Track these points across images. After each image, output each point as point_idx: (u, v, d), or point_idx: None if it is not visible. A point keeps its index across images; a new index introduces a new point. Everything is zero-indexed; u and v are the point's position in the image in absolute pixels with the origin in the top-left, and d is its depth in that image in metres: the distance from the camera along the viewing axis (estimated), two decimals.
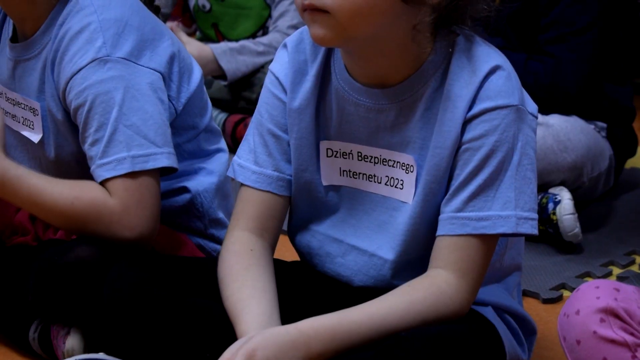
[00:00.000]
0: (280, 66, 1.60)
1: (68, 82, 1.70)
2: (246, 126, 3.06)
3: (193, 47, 3.03)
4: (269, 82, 1.61)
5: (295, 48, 1.59)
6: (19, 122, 1.83)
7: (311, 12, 1.44)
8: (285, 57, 1.60)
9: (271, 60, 3.04)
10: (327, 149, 1.57)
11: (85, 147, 1.70)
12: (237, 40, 3.21)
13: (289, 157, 1.59)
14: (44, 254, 1.67)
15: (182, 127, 1.82)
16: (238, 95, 3.12)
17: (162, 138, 1.70)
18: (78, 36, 1.70)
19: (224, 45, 3.11)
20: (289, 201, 1.61)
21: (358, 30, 1.43)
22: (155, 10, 1.90)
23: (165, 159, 1.70)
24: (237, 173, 1.61)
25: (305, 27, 1.55)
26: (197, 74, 1.84)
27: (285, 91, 1.58)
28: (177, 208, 1.84)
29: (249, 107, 3.10)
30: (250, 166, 1.60)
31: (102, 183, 1.68)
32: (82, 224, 1.67)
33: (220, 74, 3.06)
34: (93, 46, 1.69)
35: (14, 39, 1.82)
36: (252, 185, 1.59)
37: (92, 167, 1.69)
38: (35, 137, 1.80)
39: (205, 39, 3.35)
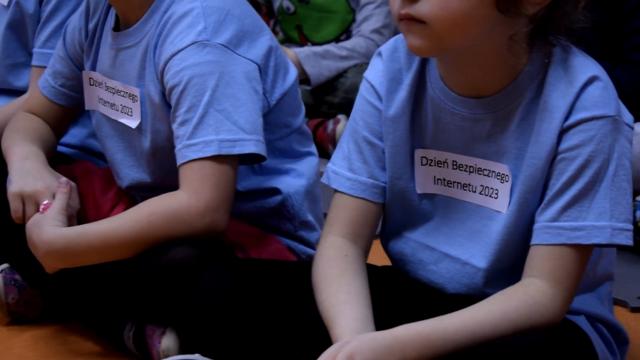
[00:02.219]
0: (375, 74, 1.62)
1: (167, 62, 1.74)
2: (325, 129, 3.09)
3: None
4: (364, 89, 1.63)
5: (390, 56, 1.61)
6: (118, 110, 1.87)
7: (407, 22, 1.45)
8: (380, 66, 1.61)
9: (354, 65, 3.12)
10: (421, 157, 1.59)
11: (175, 126, 1.73)
12: (320, 42, 3.24)
13: (384, 165, 1.61)
14: (140, 256, 1.70)
15: (275, 124, 1.84)
16: (320, 99, 3.15)
17: (251, 126, 1.72)
18: (181, 20, 1.75)
19: (307, 49, 3.14)
20: (383, 208, 1.63)
21: (454, 40, 1.45)
22: (255, 5, 1.93)
23: (252, 145, 1.72)
24: (331, 179, 1.64)
25: (400, 35, 1.57)
26: (292, 73, 1.87)
27: (380, 99, 1.60)
28: (268, 209, 1.87)
29: (331, 111, 3.13)
30: (344, 173, 1.62)
31: (183, 165, 1.70)
32: (166, 234, 1.69)
33: (304, 78, 3.09)
34: (194, 30, 1.73)
35: (115, 28, 1.87)
36: (347, 192, 1.61)
37: (178, 147, 1.72)
38: (133, 124, 1.84)
39: (288, 40, 3.38)
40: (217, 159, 1.69)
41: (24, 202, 1.80)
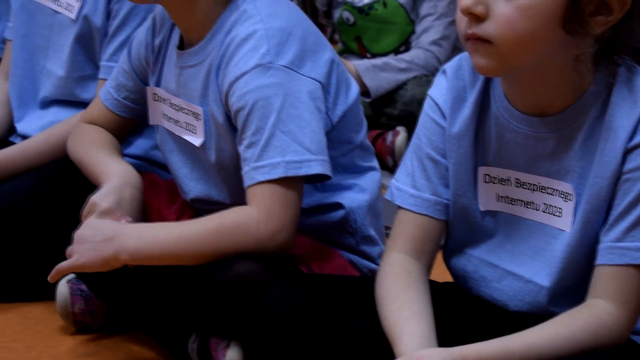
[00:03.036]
0: (439, 92, 1.63)
1: (231, 86, 1.77)
2: (385, 141, 3.10)
3: None
4: (428, 107, 1.65)
5: (455, 74, 1.62)
6: (182, 127, 1.90)
7: (474, 42, 1.46)
8: (444, 84, 1.63)
9: (413, 77, 3.14)
10: (484, 174, 1.60)
11: (241, 148, 1.76)
12: (379, 53, 3.26)
13: (447, 182, 1.62)
14: (205, 268, 1.73)
15: (338, 140, 1.86)
16: (380, 111, 3.17)
17: (317, 146, 1.75)
18: (244, 43, 1.77)
19: (367, 62, 3.16)
20: (446, 225, 1.64)
21: (520, 60, 1.46)
22: (319, 28, 1.94)
23: (318, 165, 1.74)
24: (394, 196, 1.65)
25: (465, 53, 1.58)
26: (354, 89, 1.89)
27: (444, 117, 1.62)
28: (330, 224, 1.89)
29: (390, 123, 3.15)
30: (408, 189, 1.64)
31: (251, 186, 1.73)
32: (232, 246, 1.71)
33: (363, 91, 3.11)
34: (257, 53, 1.75)
35: (180, 47, 1.90)
36: (410, 209, 1.63)
37: (246, 169, 1.75)
38: (197, 141, 1.87)
39: (347, 51, 3.41)
40: (284, 180, 1.72)
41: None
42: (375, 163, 1.97)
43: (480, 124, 1.59)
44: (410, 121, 3.10)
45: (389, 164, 3.09)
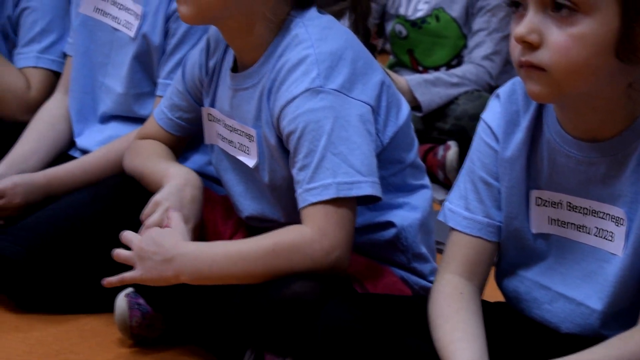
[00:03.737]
0: (492, 116, 1.66)
1: (282, 110, 1.80)
2: (436, 155, 3.12)
3: (390, 77, 3.11)
4: (481, 130, 1.67)
5: (508, 99, 1.64)
6: (235, 148, 1.94)
7: (527, 69, 1.49)
8: (498, 108, 1.65)
9: (465, 92, 3.15)
10: (537, 197, 1.62)
11: (294, 171, 1.80)
12: (431, 67, 3.29)
13: (499, 204, 1.65)
14: (262, 286, 1.76)
15: (389, 160, 1.89)
16: (431, 125, 3.19)
17: (367, 168, 1.78)
18: (295, 68, 1.81)
19: (418, 77, 3.18)
20: (498, 246, 1.67)
21: (573, 87, 1.48)
22: (371, 49, 1.97)
23: (369, 187, 1.77)
24: (448, 218, 1.68)
25: (518, 78, 1.60)
26: (405, 109, 1.92)
27: (497, 140, 1.64)
28: (382, 242, 1.92)
29: (441, 137, 3.17)
30: (461, 212, 1.67)
31: (305, 208, 1.76)
32: (288, 265, 1.75)
33: (415, 105, 3.13)
34: (308, 77, 1.79)
35: (234, 69, 1.94)
36: (463, 231, 1.66)
37: (299, 191, 1.78)
38: (251, 162, 1.91)
39: (399, 64, 3.43)
40: (336, 201, 1.75)
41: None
42: (426, 181, 2.00)
43: (532, 148, 1.62)
44: (461, 136, 3.12)
45: (440, 178, 3.11)
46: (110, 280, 1.83)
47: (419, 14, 3.32)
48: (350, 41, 1.86)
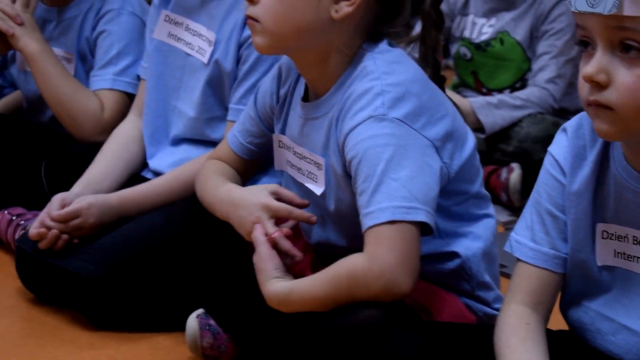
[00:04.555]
0: (559, 149, 1.69)
1: (346, 137, 1.84)
2: (499, 177, 3.15)
3: (453, 99, 3.14)
4: (548, 163, 1.71)
5: (575, 133, 1.68)
6: (304, 175, 1.98)
7: (595, 108, 1.51)
8: (565, 141, 1.69)
9: (528, 115, 3.17)
10: (602, 231, 1.65)
11: (357, 197, 1.83)
12: (495, 89, 3.32)
13: (565, 236, 1.68)
14: (328, 313, 1.80)
15: (453, 191, 1.92)
16: (494, 146, 3.22)
17: (424, 197, 1.79)
18: (361, 97, 1.84)
19: (482, 99, 3.21)
20: (563, 277, 1.70)
21: None
22: (440, 80, 2.01)
23: (424, 215, 1.78)
24: (514, 248, 1.72)
25: (585, 113, 1.63)
26: (470, 142, 1.94)
27: (564, 174, 1.67)
28: (447, 271, 1.95)
29: (504, 159, 3.19)
30: (527, 243, 1.70)
31: (364, 232, 1.79)
32: (349, 296, 1.77)
33: (478, 127, 3.16)
34: (372, 105, 1.82)
35: (304, 98, 1.99)
36: (529, 262, 1.69)
37: (360, 217, 1.81)
38: (318, 190, 1.95)
39: (462, 85, 3.47)
40: (392, 224, 1.76)
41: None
42: (490, 210, 2.02)
43: (599, 182, 1.64)
44: (524, 158, 3.15)
45: (503, 200, 3.14)
46: None
47: (484, 37, 3.35)
48: (418, 75, 1.89)
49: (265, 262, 1.87)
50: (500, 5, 3.34)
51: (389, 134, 1.80)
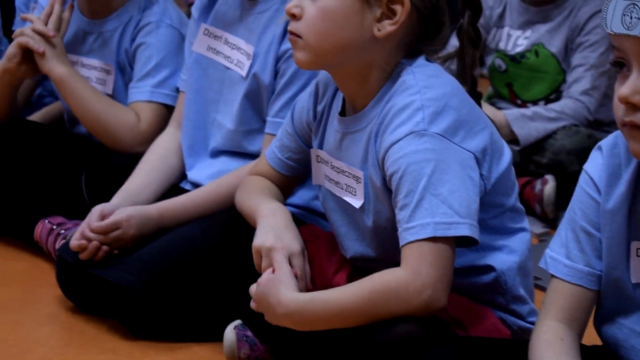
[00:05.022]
0: (595, 168, 1.71)
1: (387, 151, 1.86)
2: (533, 189, 3.16)
3: (487, 111, 3.15)
4: (583, 181, 1.73)
5: (610, 152, 1.70)
6: (342, 189, 2.00)
7: (631, 129, 1.53)
8: (600, 160, 1.70)
9: (563, 127, 3.18)
10: (637, 249, 1.66)
11: (396, 210, 1.85)
12: (529, 101, 3.33)
13: (600, 254, 1.70)
14: (364, 329, 1.81)
15: (489, 204, 1.94)
16: (528, 158, 3.23)
17: (465, 210, 1.82)
18: (401, 112, 1.86)
19: (516, 111, 3.23)
20: (598, 294, 1.72)
21: None
22: (477, 96, 2.03)
23: (466, 228, 1.81)
24: (549, 265, 1.74)
25: (619, 132, 1.65)
26: (507, 155, 1.96)
27: (599, 192, 1.69)
28: (482, 285, 1.97)
29: (538, 171, 3.21)
30: (562, 260, 1.72)
31: (403, 247, 1.82)
32: (386, 311, 1.79)
33: (512, 139, 3.18)
34: (412, 121, 1.84)
35: (342, 113, 2.01)
36: (564, 278, 1.71)
37: (399, 230, 1.84)
38: (357, 203, 1.97)
39: (497, 96, 3.49)
40: (433, 240, 1.79)
41: (262, 257, 1.96)
42: (525, 224, 2.03)
43: (634, 201, 1.66)
44: (558, 170, 3.16)
45: (537, 211, 3.15)
46: None
47: (519, 49, 3.37)
48: (456, 89, 1.92)
49: (285, 275, 1.90)
50: (536, 17, 3.36)
51: (429, 149, 1.82)
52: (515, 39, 3.39)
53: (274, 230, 1.99)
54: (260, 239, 1.98)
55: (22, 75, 2.74)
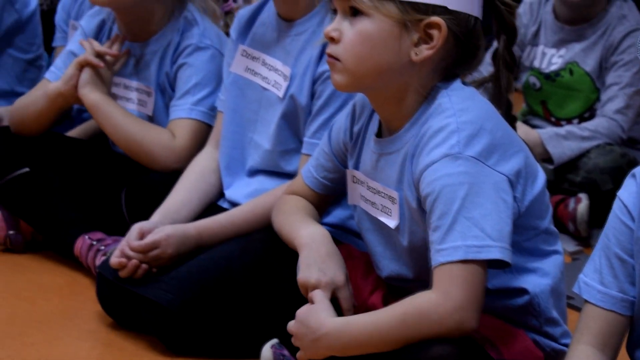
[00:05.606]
0: (628, 195, 1.73)
1: (422, 173, 1.89)
2: (567, 207, 3.18)
3: (521, 130, 3.18)
4: (617, 208, 1.75)
5: None
6: (378, 209, 2.03)
7: None
8: (634, 187, 1.73)
9: (597, 146, 3.20)
10: None
11: (429, 231, 1.88)
12: (563, 118, 3.36)
13: (633, 280, 1.73)
14: (400, 351, 1.84)
15: (523, 227, 1.96)
16: (562, 177, 3.25)
17: (498, 233, 1.84)
18: (436, 134, 1.89)
19: (550, 130, 3.25)
20: (631, 320, 1.74)
21: None
22: (512, 120, 2.06)
23: (497, 252, 1.84)
24: (582, 290, 1.76)
25: None
26: (541, 178, 1.98)
27: (633, 219, 1.72)
28: (515, 307, 1.99)
29: (572, 189, 3.23)
30: (595, 285, 1.75)
31: (435, 268, 1.84)
32: (418, 333, 1.82)
33: (546, 158, 3.20)
34: (448, 143, 1.87)
35: (378, 134, 2.04)
36: (597, 304, 1.74)
37: (432, 252, 1.87)
38: (392, 223, 2.00)
39: (531, 113, 3.51)
40: (464, 262, 1.82)
41: (307, 291, 2.00)
42: (558, 246, 2.05)
43: None
44: (592, 189, 3.18)
45: (570, 229, 3.17)
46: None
47: (553, 68, 3.39)
48: (491, 113, 1.94)
49: (325, 305, 1.93)
50: (570, 36, 3.38)
51: (463, 172, 1.85)
52: (549, 57, 3.41)
53: (316, 264, 2.03)
54: (305, 275, 2.02)
55: (75, 101, 2.79)
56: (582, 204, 3.15)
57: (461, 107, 1.91)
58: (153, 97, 2.81)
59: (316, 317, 1.90)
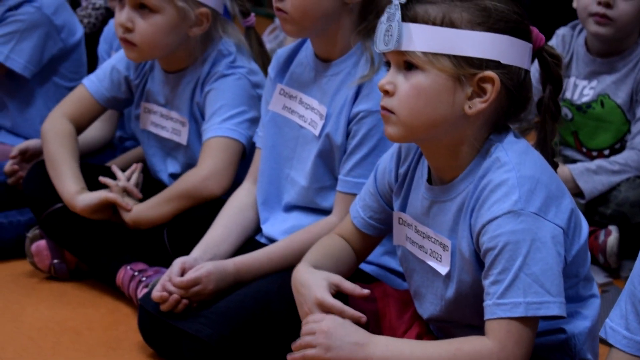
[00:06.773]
0: None
1: (484, 227, 1.93)
2: (597, 239, 3.23)
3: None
4: None
5: None
6: (427, 253, 2.07)
7: None
8: None
9: (627, 179, 3.23)
10: None
11: (486, 282, 1.93)
12: (594, 149, 3.40)
13: None
14: None
15: (567, 275, 1.99)
16: (593, 209, 3.30)
17: (556, 288, 1.90)
18: (497, 189, 1.93)
19: (581, 166, 3.30)
20: None
21: None
22: (555, 167, 2.09)
23: (556, 308, 1.89)
24: (608, 335, 1.82)
25: None
26: (585, 228, 2.03)
27: None
28: (552, 346, 2.04)
29: (602, 222, 3.27)
30: (621, 331, 1.80)
31: (491, 320, 1.90)
32: None
33: (578, 192, 3.25)
34: (510, 199, 1.91)
35: (428, 180, 2.08)
36: (623, 349, 1.80)
37: (488, 303, 1.91)
38: (443, 270, 2.04)
39: (563, 144, 3.55)
40: (522, 319, 1.88)
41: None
42: (595, 290, 2.10)
43: None
44: (622, 221, 3.22)
45: (600, 261, 3.21)
46: (293, 357, 2.02)
47: (585, 99, 3.44)
48: (544, 166, 1.99)
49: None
50: (602, 68, 3.43)
51: (526, 229, 1.89)
52: (581, 89, 3.46)
53: (312, 277, 2.12)
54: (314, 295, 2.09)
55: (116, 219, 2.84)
56: (612, 237, 3.19)
57: (519, 161, 1.95)
58: (187, 127, 2.87)
59: (356, 327, 1.97)
